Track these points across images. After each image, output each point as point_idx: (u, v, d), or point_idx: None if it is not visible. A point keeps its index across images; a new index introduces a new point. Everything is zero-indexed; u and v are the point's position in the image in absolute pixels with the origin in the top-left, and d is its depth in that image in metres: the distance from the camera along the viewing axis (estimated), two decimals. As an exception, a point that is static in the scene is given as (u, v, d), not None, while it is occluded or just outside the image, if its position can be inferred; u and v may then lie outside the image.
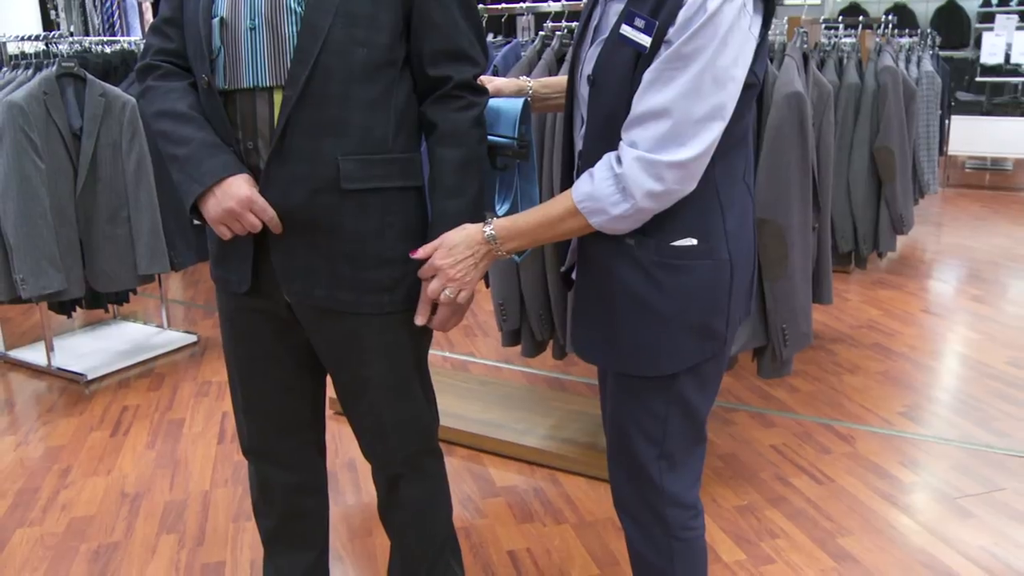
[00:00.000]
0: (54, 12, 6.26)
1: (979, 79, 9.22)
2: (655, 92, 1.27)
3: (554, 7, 2.89)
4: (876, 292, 4.77)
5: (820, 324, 4.23)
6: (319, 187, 1.46)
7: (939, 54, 6.49)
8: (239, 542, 2.43)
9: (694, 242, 1.37)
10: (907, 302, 4.58)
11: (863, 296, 4.70)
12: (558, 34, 2.77)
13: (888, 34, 4.60)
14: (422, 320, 1.55)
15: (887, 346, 3.93)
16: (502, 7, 3.00)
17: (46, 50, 3.55)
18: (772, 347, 2.60)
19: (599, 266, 1.44)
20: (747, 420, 3.17)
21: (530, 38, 3.13)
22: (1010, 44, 8.33)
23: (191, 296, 4.89)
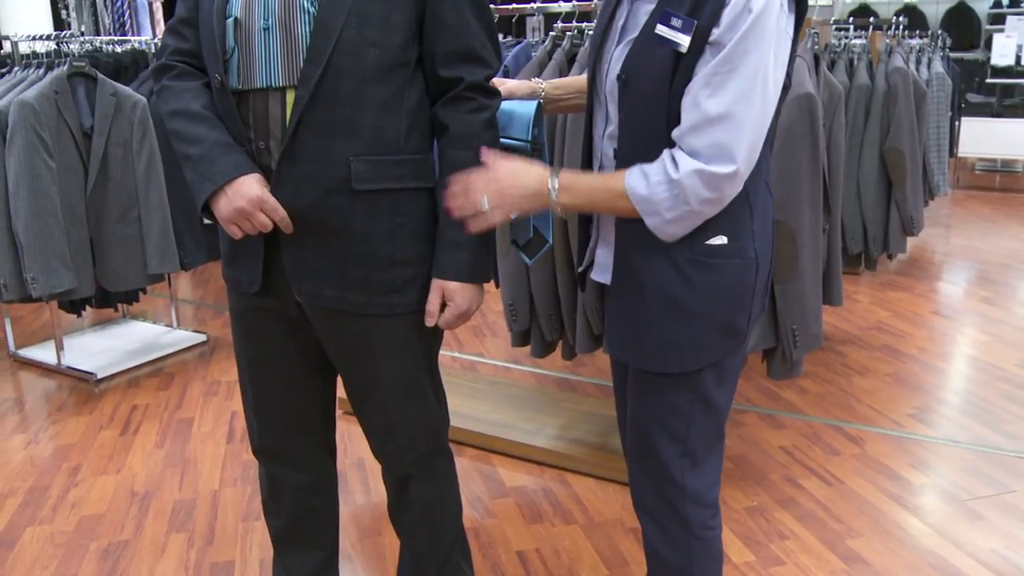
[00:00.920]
0: (65, 12, 6.30)
1: (989, 81, 9.19)
2: (708, 97, 1.28)
3: (564, 7, 2.89)
4: (886, 294, 4.75)
5: (830, 325, 4.22)
6: (330, 187, 1.46)
7: (949, 55, 6.47)
8: (248, 541, 2.43)
9: (724, 240, 1.38)
10: (917, 304, 4.57)
11: (873, 298, 4.68)
12: (568, 34, 2.77)
13: (898, 35, 4.58)
14: (431, 321, 1.55)
15: (897, 348, 3.91)
16: (512, 7, 3.00)
17: (57, 49, 3.58)
18: (782, 348, 2.60)
19: (633, 262, 1.44)
20: (757, 421, 3.16)
21: (540, 38, 3.13)
22: (1021, 46, 8.30)
23: (200, 296, 4.91)
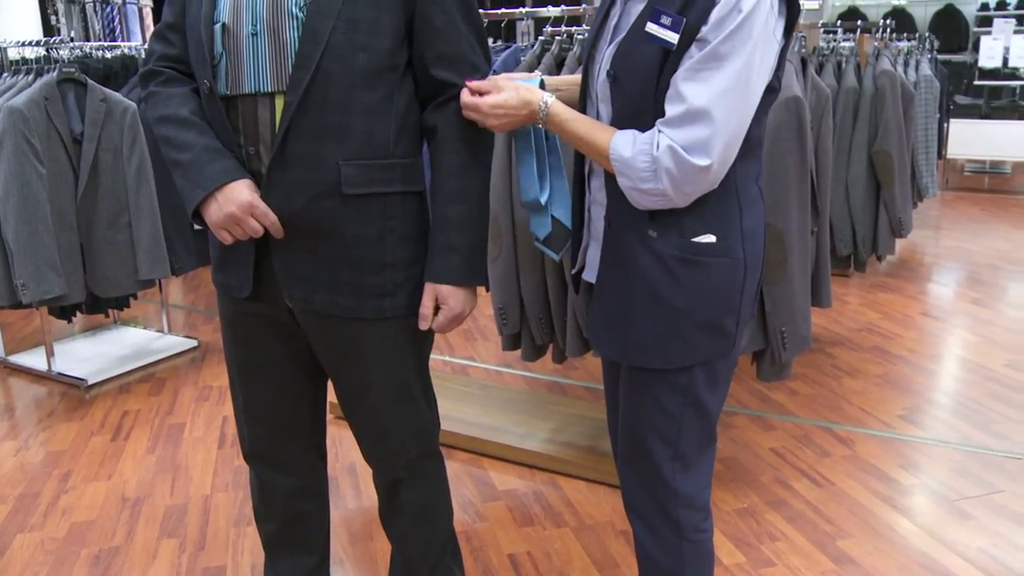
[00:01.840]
0: (55, 17, 6.28)
1: (977, 83, 9.24)
2: (690, 91, 1.29)
3: (553, 12, 2.91)
4: (875, 295, 4.78)
5: (819, 327, 4.24)
6: (320, 192, 1.46)
7: (937, 58, 6.49)
8: (240, 547, 2.43)
9: (713, 239, 1.39)
10: (906, 305, 4.59)
11: (862, 299, 4.71)
12: (557, 39, 2.78)
13: (886, 38, 4.60)
14: (425, 324, 1.56)
15: (886, 349, 3.93)
16: (502, 12, 3.01)
17: (47, 55, 3.57)
18: (771, 350, 2.61)
19: (620, 257, 1.45)
20: (747, 423, 3.17)
21: (530, 43, 3.14)
22: (1008, 48, 8.34)
23: (191, 301, 4.90)
